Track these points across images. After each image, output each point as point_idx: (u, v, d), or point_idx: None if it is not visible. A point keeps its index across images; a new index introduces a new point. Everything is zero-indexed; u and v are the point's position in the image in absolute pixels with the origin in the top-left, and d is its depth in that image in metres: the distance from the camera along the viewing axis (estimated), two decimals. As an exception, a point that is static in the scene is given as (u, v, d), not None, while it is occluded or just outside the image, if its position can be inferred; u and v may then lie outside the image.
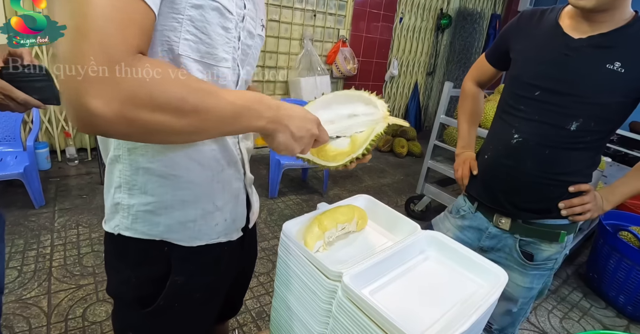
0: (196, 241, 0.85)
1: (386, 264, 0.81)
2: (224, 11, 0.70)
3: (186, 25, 0.67)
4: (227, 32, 0.73)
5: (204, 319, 0.98)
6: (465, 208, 1.50)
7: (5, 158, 3.01)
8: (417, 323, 0.70)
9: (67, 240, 2.68)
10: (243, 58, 0.83)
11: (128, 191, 0.78)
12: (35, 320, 1.99)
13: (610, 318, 2.61)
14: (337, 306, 0.73)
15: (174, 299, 0.86)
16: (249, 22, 0.80)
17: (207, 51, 0.72)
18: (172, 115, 0.58)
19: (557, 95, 1.19)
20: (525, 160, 1.27)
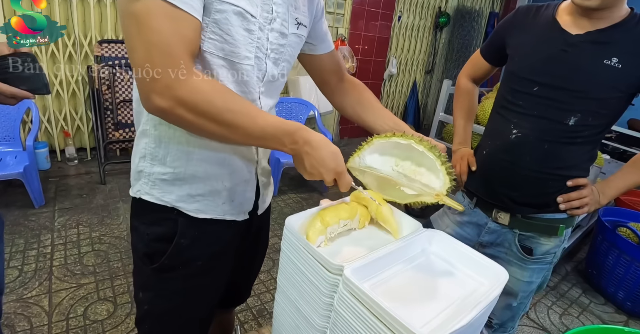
0: (201, 213, 0.96)
1: (388, 259, 0.82)
2: (246, 15, 0.80)
3: (211, 27, 0.78)
4: (250, 33, 0.83)
5: (206, 291, 1.07)
6: (464, 204, 1.51)
7: (5, 158, 3.01)
8: (417, 317, 0.70)
9: (68, 239, 2.68)
10: (276, 57, 0.92)
11: (150, 161, 0.91)
12: (37, 319, 2.00)
13: (609, 314, 2.62)
14: (338, 300, 0.73)
15: (177, 260, 0.96)
16: (280, 23, 0.89)
17: (230, 50, 0.82)
18: (209, 122, 0.74)
19: (555, 90, 1.21)
20: (524, 155, 1.28)
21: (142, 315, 1.07)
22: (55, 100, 3.63)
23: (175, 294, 1.02)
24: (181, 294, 1.02)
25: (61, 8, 3.36)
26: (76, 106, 3.74)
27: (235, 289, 1.30)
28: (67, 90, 3.61)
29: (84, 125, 3.81)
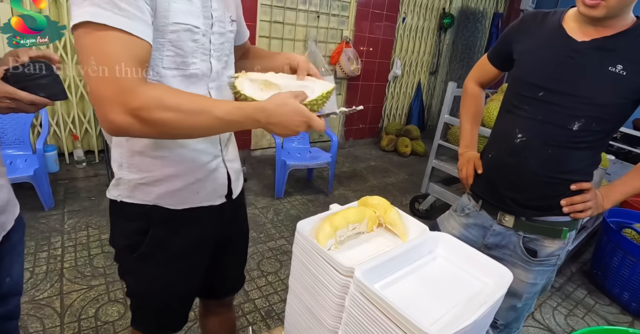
0: (181, 205, 1.07)
1: (396, 262, 0.85)
2: (193, 29, 0.91)
3: (167, 46, 0.88)
4: (196, 42, 0.93)
5: (184, 275, 1.17)
6: (470, 206, 1.53)
7: (15, 162, 3.05)
8: (425, 316, 0.73)
9: (78, 242, 2.72)
10: (218, 54, 1.03)
11: (128, 169, 1.01)
12: (49, 320, 2.04)
13: (614, 315, 2.63)
14: (350, 301, 0.76)
15: (155, 248, 1.07)
16: (219, 25, 1.00)
17: (181, 61, 0.92)
18: (169, 130, 0.81)
19: (560, 96, 1.23)
20: (529, 159, 1.30)
21: (129, 293, 1.21)
22: (63, 103, 3.66)
23: (156, 278, 1.12)
24: (161, 278, 1.13)
25: (61, 9, 3.39)
26: (84, 109, 3.78)
27: (226, 277, 1.40)
28: (76, 94, 3.65)
29: (92, 128, 3.85)
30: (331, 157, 3.77)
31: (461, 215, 1.55)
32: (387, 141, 5.66)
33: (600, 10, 1.11)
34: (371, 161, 5.24)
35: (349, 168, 4.85)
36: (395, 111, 6.21)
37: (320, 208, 3.66)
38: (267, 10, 4.28)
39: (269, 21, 4.34)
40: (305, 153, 3.93)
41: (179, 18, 0.86)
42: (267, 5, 4.25)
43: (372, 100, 5.73)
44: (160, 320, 1.23)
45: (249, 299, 2.35)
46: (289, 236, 3.12)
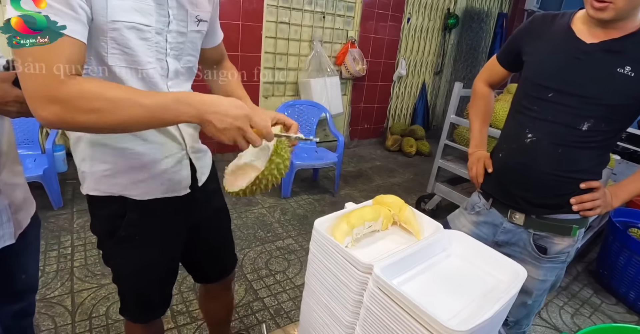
0: (147, 195, 1.11)
1: (412, 259, 0.86)
2: (139, 27, 0.91)
3: (110, 43, 0.89)
4: (147, 40, 0.94)
5: (161, 257, 1.22)
6: (480, 204, 1.56)
7: (25, 161, 3.07)
8: (442, 312, 0.74)
9: (87, 241, 2.74)
10: (176, 53, 1.04)
11: (90, 162, 1.05)
12: (60, 319, 2.06)
13: (620, 314, 2.64)
14: (369, 297, 0.77)
15: (131, 231, 1.12)
16: (178, 24, 1.00)
17: (132, 60, 0.93)
18: (97, 119, 0.78)
19: (569, 97, 1.25)
20: (539, 158, 1.32)
21: (114, 279, 1.27)
22: (71, 104, 3.69)
23: (136, 259, 1.18)
24: (139, 259, 1.18)
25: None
26: (92, 110, 3.80)
27: (215, 257, 1.46)
28: (84, 94, 3.68)
29: (99, 128, 3.87)
30: (337, 157, 3.78)
31: (472, 213, 1.58)
32: (392, 141, 5.67)
33: (608, 12, 1.13)
34: (376, 161, 5.26)
35: (354, 168, 4.86)
36: (400, 111, 6.22)
37: (326, 208, 3.68)
38: (274, 11, 4.30)
39: (275, 22, 4.35)
40: (312, 153, 3.94)
41: (119, 16, 0.86)
42: (273, 5, 4.26)
43: (377, 101, 5.74)
44: (142, 304, 1.29)
45: (258, 297, 2.37)
46: (296, 235, 3.13)
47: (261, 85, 4.54)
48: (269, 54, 4.46)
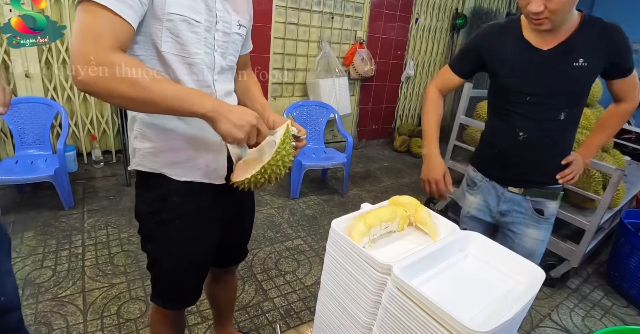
0: (182, 177, 1.18)
1: (430, 260, 0.86)
2: (191, 21, 1.04)
3: (165, 32, 1.02)
4: (197, 34, 1.07)
5: (199, 241, 1.29)
6: (479, 177, 1.76)
7: (36, 161, 3.11)
8: (462, 313, 0.74)
9: (98, 240, 2.76)
10: (223, 51, 1.17)
11: (141, 139, 1.15)
12: (72, 318, 2.07)
13: (632, 317, 2.62)
14: (387, 297, 0.77)
15: (173, 214, 1.20)
16: (223, 24, 1.13)
17: (181, 48, 1.06)
18: (129, 88, 0.87)
19: (544, 97, 1.50)
20: (533, 151, 1.58)
21: (151, 262, 1.32)
22: (82, 104, 3.72)
23: (174, 243, 1.24)
24: (178, 243, 1.25)
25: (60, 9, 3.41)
26: (102, 110, 3.83)
27: (231, 249, 1.56)
28: (94, 95, 3.70)
29: (109, 128, 3.90)
30: (346, 158, 3.78)
31: (474, 189, 1.79)
32: (400, 142, 5.66)
33: (546, 25, 1.34)
34: (384, 161, 5.25)
35: (362, 169, 4.86)
36: (408, 112, 6.21)
37: (335, 208, 3.68)
38: (282, 12, 4.31)
39: (284, 22, 4.36)
40: (321, 153, 3.94)
41: (174, 9, 1.00)
42: (281, 6, 4.27)
43: (385, 101, 5.74)
44: (177, 289, 1.35)
45: (268, 298, 2.37)
46: (305, 236, 3.14)
47: (270, 86, 4.55)
48: (277, 55, 4.47)
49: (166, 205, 1.19)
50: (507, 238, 1.75)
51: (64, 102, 3.61)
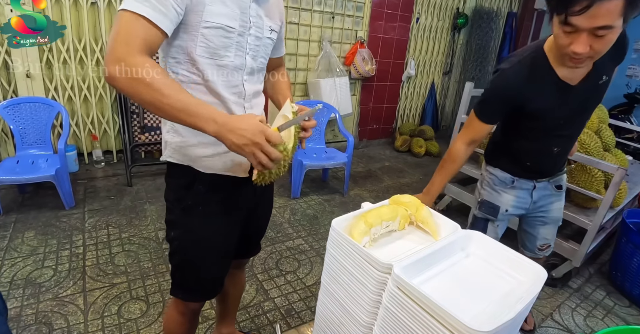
0: (209, 170, 1.24)
1: (431, 259, 0.85)
2: (226, 28, 1.11)
3: (200, 38, 1.09)
4: (229, 39, 1.13)
5: (222, 229, 1.33)
6: (509, 178, 1.81)
7: (37, 161, 3.11)
8: (463, 312, 0.74)
9: (99, 240, 2.76)
10: (254, 54, 1.23)
11: (173, 134, 1.23)
12: (73, 317, 2.07)
13: (634, 317, 2.60)
14: (388, 297, 0.77)
15: (197, 201, 1.26)
16: (256, 29, 1.19)
17: (213, 52, 1.12)
18: (144, 89, 0.93)
19: (576, 117, 1.63)
20: (563, 156, 1.76)
21: (173, 250, 1.35)
22: (83, 104, 3.72)
23: (198, 229, 1.29)
24: (202, 229, 1.29)
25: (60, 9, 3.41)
26: (103, 110, 3.83)
27: (247, 242, 1.58)
28: (95, 95, 3.70)
29: (110, 128, 3.90)
30: (347, 157, 3.77)
31: (508, 187, 1.82)
32: (401, 141, 5.65)
33: (586, 64, 1.37)
34: (385, 161, 5.24)
35: (363, 169, 4.85)
36: (409, 111, 6.20)
37: (336, 208, 3.67)
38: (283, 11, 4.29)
39: (285, 22, 4.35)
40: (322, 153, 3.94)
41: (211, 18, 1.07)
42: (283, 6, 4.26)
43: (386, 101, 5.73)
44: (197, 278, 1.38)
45: (269, 298, 2.37)
46: (306, 235, 3.13)
47: (271, 86, 4.53)
48: (278, 54, 4.46)
49: (191, 192, 1.25)
50: (537, 218, 1.92)
51: (65, 102, 3.61)
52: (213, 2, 1.07)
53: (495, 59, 6.57)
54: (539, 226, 1.94)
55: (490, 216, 1.86)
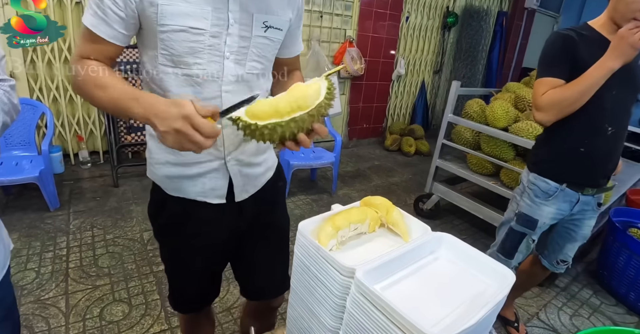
0: (177, 192, 1.14)
1: (398, 262, 0.84)
2: (190, 30, 0.95)
3: (160, 44, 0.97)
4: (199, 43, 0.97)
5: (199, 252, 1.23)
6: (553, 188, 1.75)
7: (21, 162, 3.07)
8: (427, 317, 0.73)
9: (83, 242, 2.74)
10: (238, 58, 1.04)
11: (148, 149, 1.15)
12: (54, 320, 2.05)
13: (620, 315, 2.61)
14: (350, 302, 0.76)
15: (170, 222, 1.18)
16: (240, 28, 1.01)
17: (178, 60, 0.98)
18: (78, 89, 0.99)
19: (627, 90, 1.64)
20: (617, 143, 1.70)
21: (161, 256, 1.34)
22: (68, 105, 3.69)
23: (171, 248, 1.25)
24: (175, 250, 1.24)
25: (60, 9, 3.41)
26: (89, 110, 3.80)
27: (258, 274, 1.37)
28: (80, 95, 3.67)
29: (96, 129, 3.87)
30: (335, 157, 3.76)
31: (549, 200, 1.77)
32: (391, 140, 5.65)
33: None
34: (375, 160, 5.24)
35: (352, 168, 4.85)
36: (399, 110, 6.20)
37: (324, 208, 3.66)
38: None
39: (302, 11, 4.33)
40: (309, 153, 3.93)
41: (169, 20, 0.93)
42: None
43: (376, 100, 5.73)
44: (180, 293, 1.35)
45: (253, 299, 2.36)
46: (292, 236, 3.10)
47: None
48: (266, 54, 4.44)
49: (164, 212, 1.18)
50: (568, 230, 1.89)
51: (50, 103, 3.57)
52: (170, 0, 0.92)
53: (486, 58, 6.58)
54: (566, 239, 1.92)
55: (527, 229, 1.84)
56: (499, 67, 6.61)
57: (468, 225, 3.61)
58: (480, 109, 3.28)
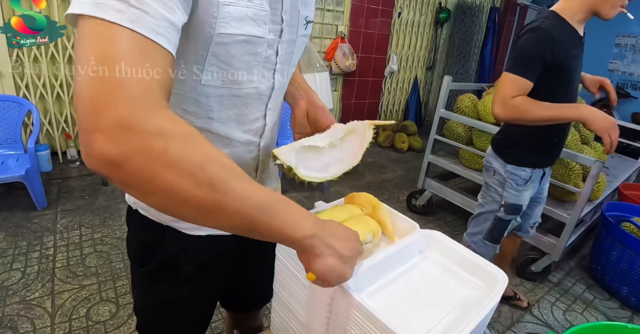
0: (196, 231, 0.90)
1: (384, 265, 0.80)
2: (253, 39, 0.71)
3: (210, 59, 0.69)
4: (257, 55, 0.74)
5: (197, 295, 1.02)
6: (529, 174, 1.90)
7: (7, 161, 3.02)
8: (416, 326, 0.69)
9: (70, 241, 2.69)
10: (283, 67, 0.83)
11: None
12: (40, 321, 2.01)
13: (613, 310, 2.61)
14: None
15: (166, 266, 0.92)
16: (289, 32, 0.79)
17: (231, 80, 0.74)
18: (183, 178, 0.50)
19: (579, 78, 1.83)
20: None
21: (136, 310, 1.07)
22: (56, 102, 3.63)
23: (165, 298, 0.99)
24: (170, 299, 0.99)
25: (60, 9, 3.34)
26: (77, 108, 3.74)
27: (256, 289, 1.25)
28: (68, 92, 3.62)
29: (85, 126, 3.81)
30: (327, 154, 3.72)
31: (527, 184, 1.92)
32: (384, 137, 5.62)
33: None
34: (368, 157, 5.18)
35: (345, 165, 4.80)
36: (392, 107, 6.17)
37: (316, 205, 3.62)
38: None
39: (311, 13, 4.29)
40: (301, 149, 3.88)
41: (230, 28, 0.66)
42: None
43: (369, 96, 5.70)
44: None
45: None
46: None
47: (250, 82, 4.48)
48: (257, 50, 4.40)
49: (158, 254, 0.91)
50: (535, 199, 2.08)
51: (37, 101, 3.52)
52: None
53: (478, 54, 6.57)
54: (535, 206, 2.13)
55: (514, 215, 2.00)
56: (492, 63, 6.59)
57: (461, 221, 3.59)
58: (472, 104, 3.26)
